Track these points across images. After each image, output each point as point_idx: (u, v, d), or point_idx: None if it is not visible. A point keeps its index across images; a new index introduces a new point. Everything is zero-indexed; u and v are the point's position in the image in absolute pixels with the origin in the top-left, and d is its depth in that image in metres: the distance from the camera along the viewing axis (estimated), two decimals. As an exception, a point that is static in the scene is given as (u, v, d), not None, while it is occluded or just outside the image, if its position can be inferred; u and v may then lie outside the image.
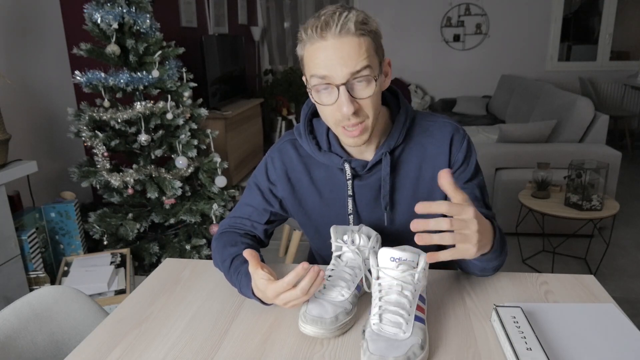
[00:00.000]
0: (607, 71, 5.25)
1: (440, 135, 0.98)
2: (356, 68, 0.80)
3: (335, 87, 0.82)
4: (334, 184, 1.00)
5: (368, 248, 0.86)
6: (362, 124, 0.86)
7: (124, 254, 2.13)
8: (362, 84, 0.82)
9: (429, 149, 0.97)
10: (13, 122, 2.05)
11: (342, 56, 0.80)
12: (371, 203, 0.99)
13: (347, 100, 0.81)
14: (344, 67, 0.80)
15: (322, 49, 0.81)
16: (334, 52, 0.80)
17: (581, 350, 0.72)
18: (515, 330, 0.74)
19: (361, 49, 0.80)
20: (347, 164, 0.95)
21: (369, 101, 0.84)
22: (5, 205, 1.70)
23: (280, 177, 1.02)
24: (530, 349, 0.70)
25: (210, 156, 2.43)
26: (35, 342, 0.90)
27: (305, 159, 1.01)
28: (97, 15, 2.05)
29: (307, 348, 0.75)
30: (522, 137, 2.95)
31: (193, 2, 3.94)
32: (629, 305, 2.18)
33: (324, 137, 0.98)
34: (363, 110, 0.84)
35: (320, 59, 0.81)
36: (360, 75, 0.81)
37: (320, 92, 0.85)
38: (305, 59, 0.85)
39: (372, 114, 0.86)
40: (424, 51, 5.51)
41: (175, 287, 0.97)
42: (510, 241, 2.84)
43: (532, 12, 5.18)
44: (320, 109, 0.88)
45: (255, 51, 5.46)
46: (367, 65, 0.81)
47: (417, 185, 0.98)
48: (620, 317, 0.81)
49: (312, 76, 0.84)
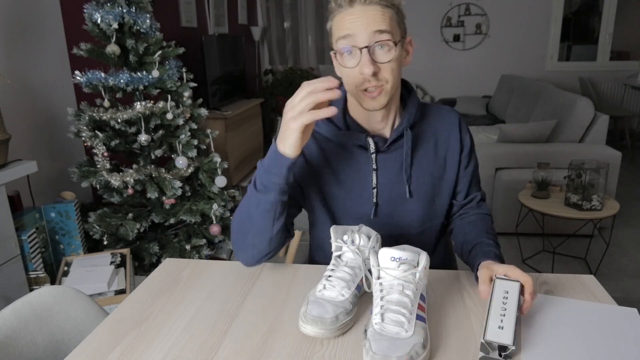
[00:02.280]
0: (607, 71, 5.25)
1: (450, 118, 1.07)
2: (379, 27, 0.86)
3: (358, 49, 0.87)
4: (352, 165, 1.02)
5: (368, 248, 0.86)
6: (382, 87, 0.90)
7: (124, 254, 2.13)
8: (383, 49, 0.88)
9: (440, 130, 1.06)
10: (13, 122, 2.05)
11: (366, 20, 0.87)
12: (393, 178, 1.03)
13: (368, 62, 0.86)
14: (367, 29, 0.86)
15: (349, 14, 0.88)
16: (359, 17, 0.87)
17: (581, 350, 0.72)
18: (500, 305, 0.75)
19: (385, 16, 0.87)
20: (371, 138, 0.99)
21: (389, 66, 0.89)
22: (5, 205, 1.69)
23: (298, 161, 0.99)
24: (502, 327, 0.70)
25: (210, 156, 2.43)
26: (35, 342, 0.90)
27: (320, 142, 1.03)
28: (97, 15, 2.05)
29: (307, 348, 0.75)
30: (522, 137, 2.95)
31: (193, 2, 3.94)
32: (629, 305, 2.17)
33: (341, 118, 1.01)
34: (382, 73, 0.89)
35: (346, 22, 0.88)
36: (381, 40, 0.87)
37: (344, 56, 0.90)
38: (334, 27, 0.91)
39: (391, 79, 0.90)
40: (424, 51, 5.51)
41: (175, 287, 0.97)
42: (510, 241, 2.85)
43: (532, 12, 5.18)
44: (344, 73, 0.93)
45: (255, 51, 5.46)
46: (389, 30, 0.87)
47: (434, 163, 1.05)
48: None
49: (339, 39, 0.89)
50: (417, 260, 0.76)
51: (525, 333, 0.77)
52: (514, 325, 0.71)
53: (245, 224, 0.94)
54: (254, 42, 5.40)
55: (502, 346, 0.68)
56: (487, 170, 2.91)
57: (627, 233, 2.95)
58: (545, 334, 0.76)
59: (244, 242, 0.95)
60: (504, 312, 0.73)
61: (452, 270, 1.00)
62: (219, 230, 2.35)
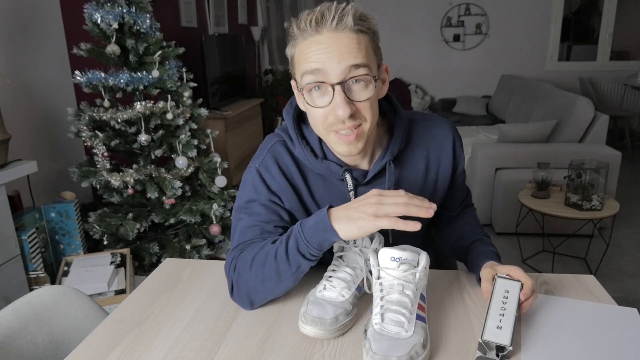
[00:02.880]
0: (607, 71, 5.25)
1: (442, 135, 0.95)
2: (354, 62, 0.73)
3: (329, 86, 0.74)
4: (333, 195, 0.90)
5: (370, 249, 0.86)
6: (359, 129, 0.78)
7: (124, 254, 2.13)
8: (359, 85, 0.75)
9: (432, 150, 0.94)
10: (13, 122, 2.05)
11: (338, 50, 0.72)
12: None
13: (343, 102, 0.73)
14: (341, 62, 0.72)
15: (316, 43, 0.73)
16: (329, 46, 0.72)
17: (581, 349, 0.72)
18: (500, 305, 0.74)
19: (360, 45, 0.74)
20: (348, 173, 0.87)
21: (367, 104, 0.77)
22: (5, 205, 1.69)
23: (282, 186, 0.88)
24: (500, 327, 0.70)
25: (210, 156, 2.43)
26: (35, 342, 0.90)
27: (300, 164, 0.90)
28: (97, 15, 2.05)
29: (307, 348, 0.75)
30: (522, 137, 2.95)
31: (193, 2, 3.94)
32: (629, 305, 2.17)
33: (317, 144, 0.87)
34: (360, 113, 0.77)
35: (313, 53, 0.73)
36: (358, 75, 0.74)
37: (312, 93, 0.76)
38: (297, 56, 0.78)
39: (369, 119, 0.78)
40: (424, 51, 5.51)
41: (175, 287, 0.96)
42: (510, 241, 2.84)
43: (532, 12, 5.18)
44: (311, 113, 0.79)
45: (255, 51, 5.46)
46: (366, 64, 0.74)
47: (423, 187, 0.95)
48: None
49: (304, 74, 0.75)
50: (417, 260, 0.76)
51: (526, 333, 0.77)
52: (513, 326, 0.71)
53: (267, 287, 0.83)
54: (254, 42, 5.39)
55: (499, 346, 0.68)
56: (487, 170, 2.91)
57: (627, 233, 2.95)
58: (545, 334, 0.76)
59: (255, 298, 0.85)
60: (503, 312, 0.73)
61: (452, 270, 1.00)
62: (219, 230, 2.35)
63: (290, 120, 0.88)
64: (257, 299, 0.85)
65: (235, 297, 0.86)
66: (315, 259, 0.78)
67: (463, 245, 0.99)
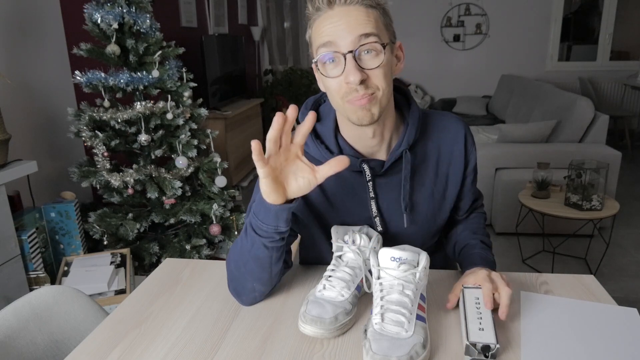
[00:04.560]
0: (607, 71, 5.25)
1: (455, 131, 0.96)
2: (364, 31, 0.76)
3: (341, 55, 0.77)
4: (349, 191, 0.92)
5: (369, 248, 0.86)
6: (372, 95, 0.79)
7: (124, 254, 2.13)
8: (370, 54, 0.77)
9: (443, 144, 0.95)
10: (13, 122, 2.05)
11: (348, 22, 0.76)
12: (393, 204, 0.93)
13: (353, 68, 0.76)
14: (351, 32, 0.76)
15: (328, 18, 0.78)
16: (339, 19, 0.77)
17: (581, 349, 0.72)
18: (475, 310, 0.76)
19: (369, 17, 0.77)
20: (366, 164, 0.88)
21: (379, 72, 0.78)
22: (5, 205, 1.69)
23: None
24: (483, 329, 0.71)
25: (210, 156, 2.43)
26: (35, 342, 0.90)
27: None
28: (97, 15, 2.05)
29: (307, 348, 0.75)
30: (522, 137, 2.95)
31: (193, 2, 3.94)
32: (629, 305, 2.17)
33: (333, 141, 0.90)
34: (372, 81, 0.78)
35: (326, 27, 0.78)
36: (368, 43, 0.76)
37: (326, 65, 0.80)
38: (313, 34, 0.81)
39: (382, 86, 0.79)
40: (424, 51, 5.51)
41: (175, 287, 0.97)
42: (510, 241, 2.85)
43: (532, 12, 5.18)
44: (327, 85, 0.82)
45: (255, 51, 5.46)
46: (375, 33, 0.77)
47: (435, 181, 0.96)
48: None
49: (318, 47, 0.79)
50: (417, 260, 0.76)
51: (525, 333, 0.77)
52: (493, 327, 0.72)
53: (241, 270, 0.86)
54: (254, 42, 5.40)
55: (485, 346, 0.69)
56: (487, 170, 2.91)
57: (627, 233, 2.95)
58: (545, 333, 0.76)
59: (244, 287, 0.87)
60: (480, 316, 0.75)
61: (452, 270, 1.01)
62: (219, 230, 2.35)
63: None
64: (240, 288, 0.87)
65: (229, 287, 0.90)
66: (266, 235, 0.79)
67: (457, 250, 1.01)
